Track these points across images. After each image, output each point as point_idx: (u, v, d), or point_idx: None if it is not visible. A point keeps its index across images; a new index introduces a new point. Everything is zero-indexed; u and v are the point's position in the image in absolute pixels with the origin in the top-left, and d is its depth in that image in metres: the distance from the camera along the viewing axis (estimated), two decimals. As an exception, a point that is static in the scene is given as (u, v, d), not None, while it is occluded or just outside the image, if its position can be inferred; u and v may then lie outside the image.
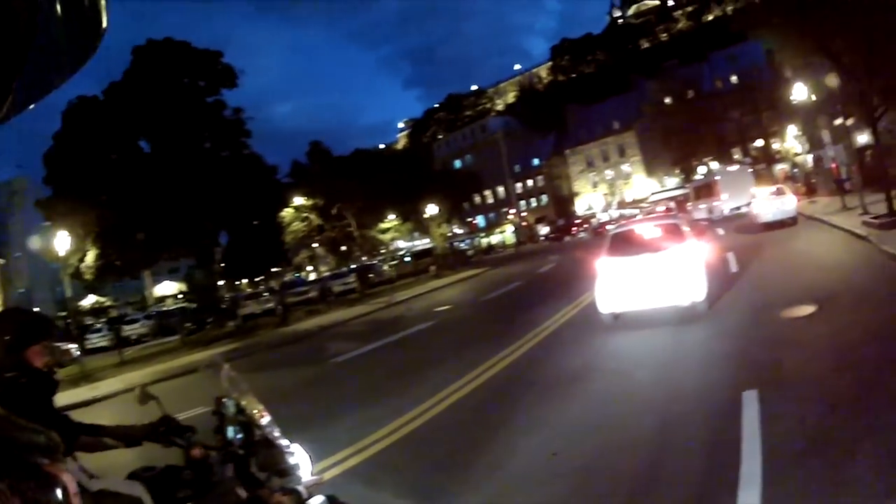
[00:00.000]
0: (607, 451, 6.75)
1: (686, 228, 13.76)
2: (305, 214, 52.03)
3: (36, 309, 4.42)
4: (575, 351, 11.87)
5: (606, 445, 6.90)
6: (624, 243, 13.52)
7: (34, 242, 39.54)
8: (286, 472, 3.71)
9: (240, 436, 3.67)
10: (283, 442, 3.76)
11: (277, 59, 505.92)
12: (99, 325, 49.75)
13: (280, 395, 12.70)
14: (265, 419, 3.78)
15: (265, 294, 46.93)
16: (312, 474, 3.90)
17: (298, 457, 3.81)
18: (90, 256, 34.96)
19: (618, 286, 12.74)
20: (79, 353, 37.18)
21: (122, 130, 34.12)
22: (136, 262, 38.28)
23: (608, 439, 7.06)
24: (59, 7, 1.07)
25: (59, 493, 1.29)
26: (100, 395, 19.93)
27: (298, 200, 51.06)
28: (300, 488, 3.71)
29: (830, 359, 8.08)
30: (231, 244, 44.38)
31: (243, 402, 3.78)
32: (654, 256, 12.57)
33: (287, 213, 51.87)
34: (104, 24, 1.15)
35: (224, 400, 3.81)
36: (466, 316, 22.33)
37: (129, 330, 48.01)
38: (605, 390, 9.03)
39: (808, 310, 10.93)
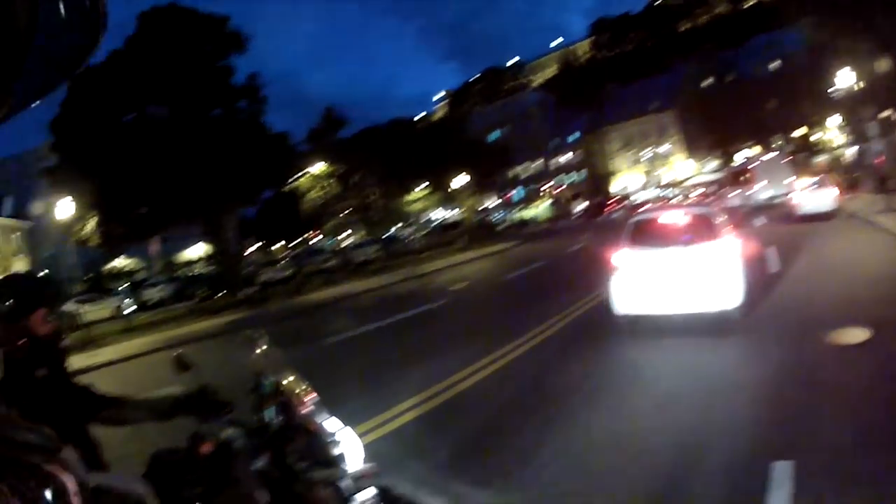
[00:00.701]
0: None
1: (722, 218, 11.42)
2: (323, 182, 50.32)
3: (44, 273, 3.72)
4: (577, 359, 9.99)
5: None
6: (647, 233, 11.29)
7: (38, 209, 39.99)
8: (331, 461, 3.10)
9: (280, 417, 3.13)
10: (330, 426, 3.17)
11: (312, 28, 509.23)
12: (120, 289, 48.96)
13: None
14: (310, 400, 3.23)
15: (284, 261, 45.75)
16: (364, 463, 3.20)
17: (347, 444, 3.17)
18: (91, 224, 34.93)
19: (638, 285, 10.70)
20: (133, 307, 36.85)
21: (126, 97, 33.66)
22: (137, 231, 37.46)
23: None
24: (59, 6, 0.91)
25: (61, 492, 1.09)
26: (95, 363, 18.97)
27: (316, 168, 49.14)
28: (346, 482, 3.06)
29: None
30: (260, 210, 43.35)
31: (283, 381, 3.27)
32: (682, 251, 10.46)
33: (304, 180, 50.54)
34: (105, 23, 0.96)
35: (262, 377, 3.29)
36: (479, 297, 21.19)
37: (149, 294, 47.33)
38: (597, 422, 7.14)
39: (860, 335, 8.81)
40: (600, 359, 9.93)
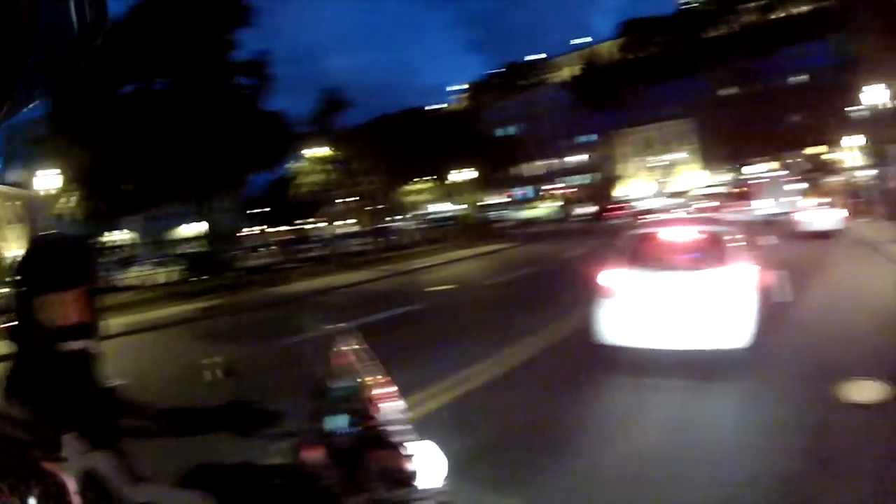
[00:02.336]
0: None
1: (736, 237, 9.62)
2: (322, 167, 49.06)
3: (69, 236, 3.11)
4: (537, 399, 8.44)
5: None
6: (647, 250, 9.76)
7: (28, 178, 40.04)
8: (404, 480, 2.47)
9: (350, 429, 2.55)
10: (408, 439, 2.56)
11: (336, 11, 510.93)
12: (107, 266, 47.62)
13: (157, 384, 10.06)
14: (391, 406, 2.66)
15: (271, 247, 44.73)
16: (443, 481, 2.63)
17: (425, 459, 2.55)
18: (74, 198, 34.24)
19: (629, 311, 9.06)
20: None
21: (122, 69, 32.66)
22: (122, 207, 36.86)
23: None
24: (59, 5, 1.05)
25: (60, 491, 1.22)
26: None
27: (314, 151, 47.75)
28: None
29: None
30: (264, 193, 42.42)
31: (364, 384, 2.69)
32: (687, 276, 8.91)
33: (302, 164, 49.43)
34: (105, 21, 1.12)
35: (330, 380, 2.69)
36: (457, 303, 19.89)
37: (136, 273, 46.07)
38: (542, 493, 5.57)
39: (877, 391, 7.28)
40: (569, 402, 8.29)
